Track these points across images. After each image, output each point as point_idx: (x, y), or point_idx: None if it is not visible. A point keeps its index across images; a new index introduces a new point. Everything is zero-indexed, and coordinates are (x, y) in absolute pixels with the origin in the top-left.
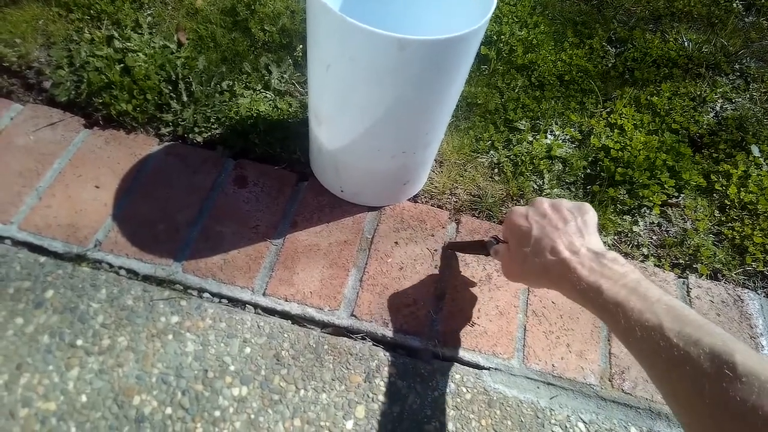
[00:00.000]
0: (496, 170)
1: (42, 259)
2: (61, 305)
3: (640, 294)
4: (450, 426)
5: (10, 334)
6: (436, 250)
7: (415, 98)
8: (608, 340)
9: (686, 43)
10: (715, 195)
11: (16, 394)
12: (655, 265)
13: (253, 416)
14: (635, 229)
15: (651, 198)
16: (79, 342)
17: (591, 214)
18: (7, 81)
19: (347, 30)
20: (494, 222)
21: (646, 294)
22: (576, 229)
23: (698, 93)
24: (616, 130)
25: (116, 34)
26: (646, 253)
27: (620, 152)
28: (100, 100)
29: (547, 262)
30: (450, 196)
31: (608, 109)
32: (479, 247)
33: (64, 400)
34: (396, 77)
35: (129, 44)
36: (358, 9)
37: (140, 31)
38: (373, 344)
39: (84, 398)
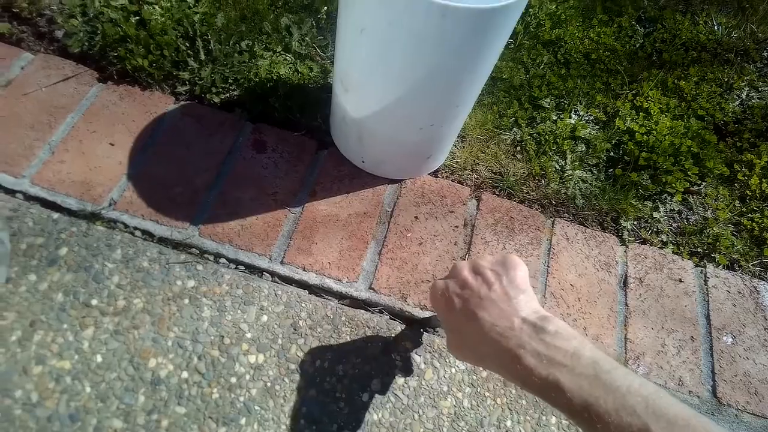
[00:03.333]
0: (518, 148)
1: (55, 215)
2: (76, 264)
3: (604, 384)
4: (465, 402)
5: (23, 290)
6: (456, 227)
7: (450, 68)
8: (624, 326)
9: (716, 27)
10: (736, 185)
11: (30, 351)
12: (673, 252)
13: (269, 384)
14: (655, 215)
15: (674, 184)
16: (94, 302)
17: (519, 268)
18: (17, 28)
19: None
20: (515, 201)
21: (612, 382)
22: (503, 294)
23: (725, 79)
24: (641, 114)
25: None
26: (665, 240)
27: (645, 136)
28: (115, 54)
29: (481, 349)
30: (471, 173)
31: (634, 91)
32: (430, 323)
33: (79, 360)
34: (434, 45)
35: None
36: None
37: None
38: (391, 318)
39: (99, 358)
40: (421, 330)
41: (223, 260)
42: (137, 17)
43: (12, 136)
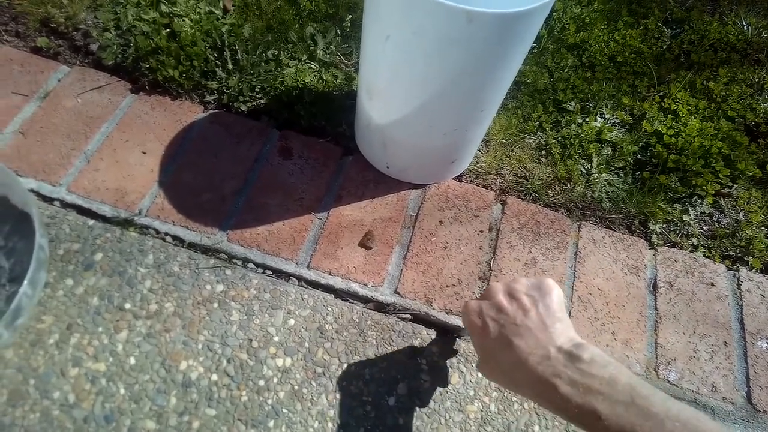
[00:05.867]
0: (543, 152)
1: (90, 222)
2: (110, 268)
3: (642, 410)
4: (492, 407)
5: (60, 294)
6: (481, 231)
7: (476, 73)
8: (654, 330)
9: (745, 27)
10: None
11: (67, 354)
12: (705, 255)
13: (296, 387)
14: (685, 218)
15: (704, 187)
16: (128, 305)
17: (554, 293)
18: (55, 42)
19: (412, 0)
20: (540, 205)
21: (650, 408)
22: (539, 322)
23: (756, 80)
24: (669, 115)
25: None
26: (695, 243)
27: (674, 138)
28: (147, 65)
29: (516, 376)
30: (495, 177)
31: (662, 93)
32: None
33: (113, 362)
34: (460, 50)
35: (175, 9)
36: None
37: None
38: (416, 322)
39: (132, 360)
40: (455, 336)
41: (251, 265)
42: (168, 29)
43: (50, 146)
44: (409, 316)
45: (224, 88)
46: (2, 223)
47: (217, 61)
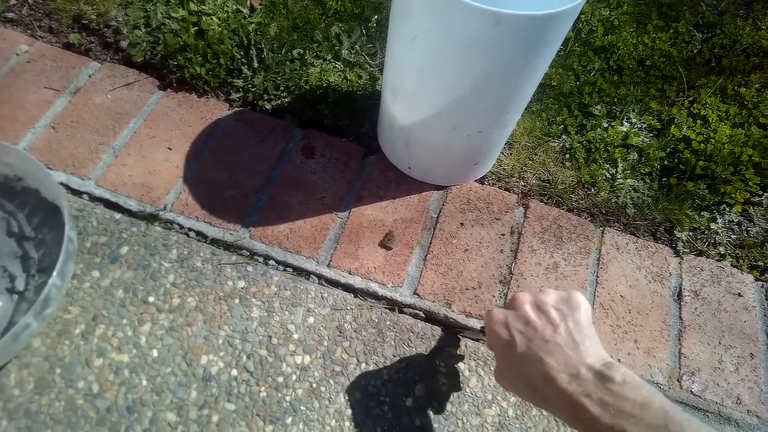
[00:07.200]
0: (567, 156)
1: (117, 215)
2: (135, 262)
3: None
4: (510, 412)
5: (86, 286)
6: (503, 235)
7: (502, 75)
8: (678, 340)
9: None
10: None
11: (92, 344)
12: (732, 265)
13: (315, 385)
14: (713, 226)
15: (733, 194)
16: (151, 299)
17: (582, 308)
18: (86, 38)
19: (441, 1)
20: (563, 209)
21: None
22: (569, 339)
23: None
24: (698, 121)
25: None
26: (723, 252)
27: (702, 144)
28: (175, 63)
29: (543, 392)
30: (518, 180)
31: (691, 98)
32: (480, 333)
33: (137, 354)
34: (488, 52)
35: (204, 7)
36: None
37: None
38: (435, 324)
39: (155, 353)
40: (458, 336)
41: (272, 262)
42: (196, 28)
43: (80, 141)
44: (421, 313)
45: (249, 86)
46: (33, 215)
47: (243, 60)
